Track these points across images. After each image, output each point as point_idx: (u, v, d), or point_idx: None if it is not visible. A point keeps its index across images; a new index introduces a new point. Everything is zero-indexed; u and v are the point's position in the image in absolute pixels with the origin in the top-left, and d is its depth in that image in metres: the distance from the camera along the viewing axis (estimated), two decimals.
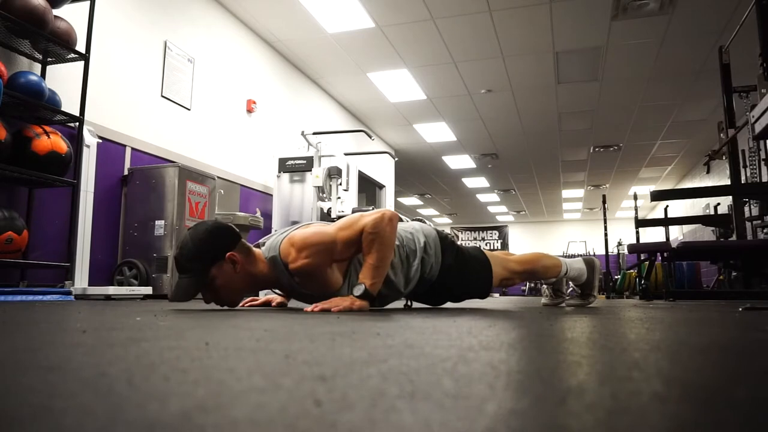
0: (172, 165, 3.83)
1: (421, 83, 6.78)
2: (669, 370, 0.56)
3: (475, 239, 17.85)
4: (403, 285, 2.07)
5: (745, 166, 5.24)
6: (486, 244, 17.74)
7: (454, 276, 2.18)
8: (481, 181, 12.03)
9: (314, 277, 1.86)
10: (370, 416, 0.33)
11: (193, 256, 1.77)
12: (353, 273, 1.95)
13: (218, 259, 1.80)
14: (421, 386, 0.43)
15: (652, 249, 4.66)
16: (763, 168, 4.99)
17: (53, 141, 2.92)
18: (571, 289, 2.76)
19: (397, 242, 2.03)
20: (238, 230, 1.90)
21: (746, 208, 4.99)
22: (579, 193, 13.22)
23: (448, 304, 2.81)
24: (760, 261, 4.12)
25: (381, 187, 8.86)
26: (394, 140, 9.08)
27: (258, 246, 1.99)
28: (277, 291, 2.16)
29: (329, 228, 1.88)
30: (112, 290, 3.19)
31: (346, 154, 5.97)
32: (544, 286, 2.73)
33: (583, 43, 5.69)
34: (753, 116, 2.48)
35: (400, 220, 2.10)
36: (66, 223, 3.23)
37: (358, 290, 1.77)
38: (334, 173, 5.46)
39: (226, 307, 1.91)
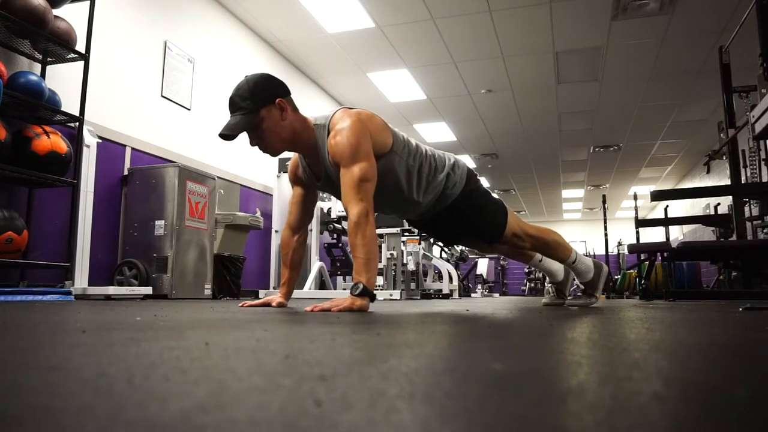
0: (172, 165, 3.83)
1: (421, 83, 6.78)
2: (669, 370, 0.56)
3: None
4: (422, 193, 2.09)
5: (745, 166, 5.24)
6: None
7: (472, 203, 2.20)
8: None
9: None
10: (370, 416, 0.33)
11: (247, 95, 1.89)
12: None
13: (269, 102, 1.92)
14: (421, 386, 0.43)
15: (652, 249, 4.66)
16: (763, 168, 4.99)
17: (53, 141, 2.92)
18: (573, 288, 2.76)
19: (429, 152, 2.13)
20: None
21: (746, 208, 4.99)
22: (579, 193, 13.22)
23: (449, 305, 2.81)
24: (760, 261, 4.12)
25: None
26: None
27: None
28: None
29: (358, 157, 1.87)
30: (112, 290, 3.19)
31: None
32: (548, 284, 2.73)
33: (583, 43, 5.69)
34: (753, 116, 2.48)
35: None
36: (66, 223, 3.23)
37: (357, 289, 1.77)
38: None
39: (221, 306, 1.91)
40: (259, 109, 1.90)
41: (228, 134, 1.88)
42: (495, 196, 2.36)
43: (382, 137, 1.98)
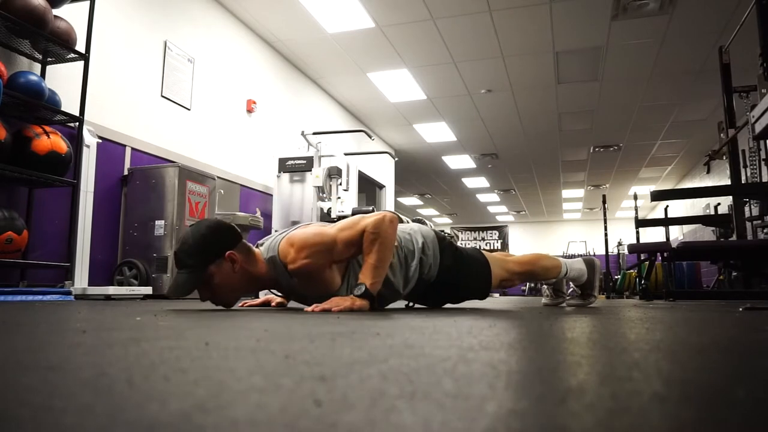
0: (172, 165, 3.83)
1: (421, 83, 6.78)
2: (669, 370, 0.56)
3: (475, 239, 17.85)
4: (402, 285, 2.07)
5: (745, 166, 5.24)
6: (486, 244, 17.74)
7: (453, 276, 2.18)
8: (481, 181, 12.03)
9: (313, 277, 1.87)
10: (370, 416, 0.33)
11: (193, 252, 1.78)
12: (352, 275, 1.95)
13: (218, 257, 1.81)
14: (421, 386, 0.43)
15: (652, 249, 4.66)
16: (763, 168, 4.98)
17: (53, 141, 2.92)
18: (571, 289, 2.76)
19: (395, 243, 2.04)
20: (239, 230, 1.90)
21: (746, 208, 4.99)
22: (579, 193, 13.22)
23: (448, 305, 2.81)
24: (760, 261, 4.12)
25: (381, 187, 8.86)
26: (394, 140, 9.08)
27: (257, 246, 1.99)
28: (275, 291, 2.16)
29: (329, 229, 1.88)
30: (112, 290, 3.19)
31: (346, 154, 5.97)
32: (545, 286, 2.73)
33: (583, 43, 5.69)
34: (753, 116, 2.48)
35: (400, 221, 2.10)
36: (66, 223, 3.23)
37: (359, 290, 1.77)
38: (334, 173, 5.46)
39: (221, 308, 1.91)
40: (207, 265, 1.79)
41: (175, 296, 1.79)
42: (469, 248, 2.33)
43: (344, 249, 1.89)
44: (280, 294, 2.16)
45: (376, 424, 0.31)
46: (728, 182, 4.73)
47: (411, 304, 2.36)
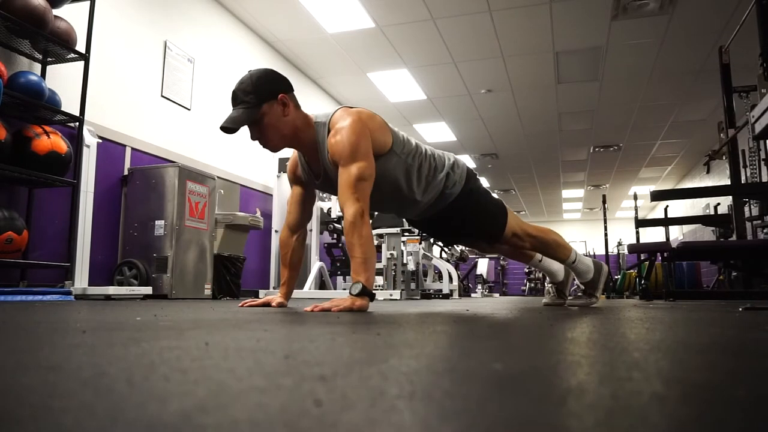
0: (172, 165, 3.83)
1: (421, 83, 6.78)
2: (669, 370, 0.56)
3: None
4: (421, 192, 2.09)
5: (745, 166, 5.24)
6: None
7: (471, 203, 2.19)
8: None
9: None
10: (370, 416, 0.33)
11: (250, 89, 1.89)
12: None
13: (271, 97, 1.92)
14: (421, 386, 0.43)
15: (652, 249, 4.66)
16: (763, 168, 4.98)
17: (53, 141, 2.92)
18: (574, 288, 2.76)
19: (429, 152, 2.12)
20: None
21: (746, 208, 4.99)
22: (579, 193, 13.22)
23: (448, 305, 2.81)
24: (760, 261, 4.12)
25: None
26: None
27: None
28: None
29: (357, 156, 1.87)
30: (112, 290, 3.19)
31: None
32: (548, 284, 2.73)
33: (583, 43, 5.69)
34: (753, 116, 2.48)
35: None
36: (66, 223, 3.23)
37: (356, 289, 1.77)
38: None
39: (221, 308, 1.91)
40: (261, 103, 1.90)
41: (229, 127, 1.88)
42: (495, 196, 2.36)
43: (382, 137, 1.98)
44: (278, 301, 2.15)
45: (376, 424, 0.31)
46: (728, 182, 4.73)
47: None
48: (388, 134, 2.01)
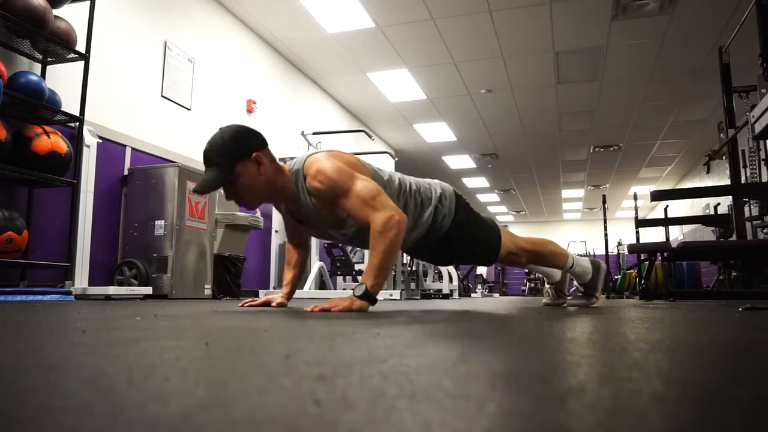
0: (172, 165, 3.83)
1: (421, 83, 6.78)
2: (669, 370, 0.56)
3: None
4: (410, 229, 2.06)
5: (745, 166, 5.24)
6: None
7: (464, 234, 2.18)
8: (481, 181, 12.03)
9: (328, 202, 1.90)
10: (370, 416, 0.33)
11: (222, 150, 1.85)
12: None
13: (245, 156, 1.86)
14: (421, 386, 0.43)
15: (652, 249, 4.66)
16: (763, 168, 4.98)
17: (53, 141, 2.92)
18: (573, 288, 2.76)
19: (414, 187, 2.09)
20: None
21: (746, 208, 4.99)
22: (579, 193, 13.22)
23: (449, 305, 2.81)
24: (760, 261, 4.12)
25: None
26: (394, 140, 9.08)
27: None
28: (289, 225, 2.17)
29: (351, 179, 1.85)
30: (112, 290, 3.19)
31: None
32: (547, 285, 2.73)
33: (583, 43, 5.69)
34: (753, 116, 2.48)
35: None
36: (66, 223, 3.23)
37: (359, 290, 1.77)
38: None
39: (221, 307, 1.91)
40: (234, 164, 1.84)
41: (201, 191, 1.84)
42: (485, 218, 2.31)
43: (359, 172, 1.92)
44: (278, 301, 2.15)
45: (376, 424, 0.31)
46: (728, 182, 4.73)
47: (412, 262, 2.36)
48: (366, 173, 1.95)
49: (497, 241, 2.24)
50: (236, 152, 1.85)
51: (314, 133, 5.73)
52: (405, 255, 5.73)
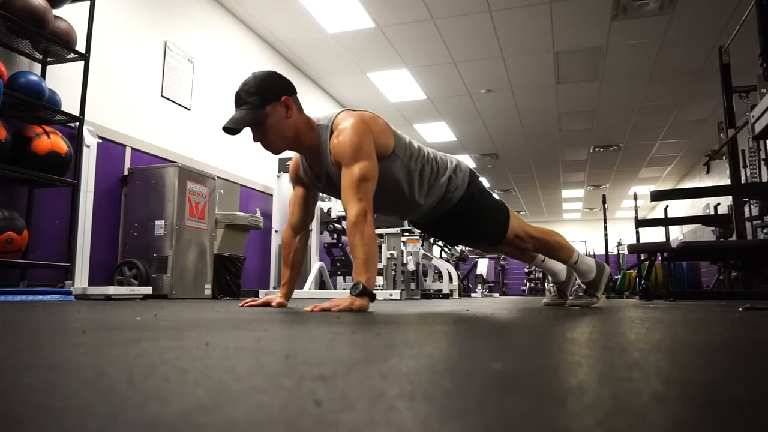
0: (172, 165, 3.83)
1: (421, 83, 6.78)
2: (669, 370, 0.56)
3: None
4: (423, 196, 2.09)
5: (745, 166, 5.24)
6: None
7: (474, 207, 2.20)
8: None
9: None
10: (370, 416, 0.33)
11: (253, 90, 1.89)
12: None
13: (275, 99, 1.91)
14: (421, 386, 0.43)
15: (652, 249, 4.66)
16: (763, 168, 4.98)
17: (53, 141, 2.92)
18: (575, 287, 2.76)
19: (431, 156, 2.12)
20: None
21: (746, 208, 4.99)
22: (579, 193, 13.22)
23: (448, 305, 2.81)
24: (760, 261, 4.12)
25: None
26: None
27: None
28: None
29: (359, 157, 1.86)
30: (112, 290, 3.19)
31: None
32: (550, 285, 2.73)
33: (583, 43, 5.69)
34: (753, 116, 2.48)
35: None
36: (66, 223, 3.23)
37: (356, 289, 1.77)
38: None
39: (221, 307, 1.91)
40: (264, 105, 1.90)
41: (232, 128, 1.88)
42: (497, 197, 2.35)
43: (385, 139, 1.98)
44: (278, 301, 2.15)
45: (376, 424, 0.31)
46: (728, 182, 4.73)
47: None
48: (391, 137, 2.01)
49: (506, 220, 2.27)
50: (267, 94, 1.90)
51: None
52: (406, 255, 5.74)
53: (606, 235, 8.33)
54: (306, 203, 2.22)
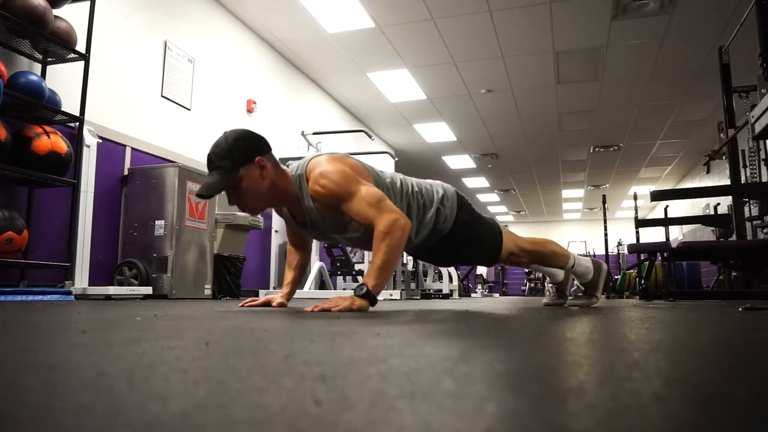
0: (172, 165, 3.83)
1: (421, 83, 6.78)
2: (669, 370, 0.56)
3: None
4: (414, 232, 2.07)
5: (745, 166, 5.24)
6: None
7: (465, 234, 2.19)
8: (481, 181, 12.03)
9: (329, 205, 1.90)
10: (370, 416, 0.33)
11: (225, 154, 1.83)
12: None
13: (248, 161, 1.86)
14: (421, 386, 0.43)
15: (652, 249, 4.66)
16: (763, 168, 4.98)
17: (53, 141, 2.92)
18: (574, 288, 2.76)
19: (416, 189, 2.09)
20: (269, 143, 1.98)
21: (746, 208, 4.99)
22: (579, 193, 13.22)
23: (448, 305, 2.81)
24: (760, 261, 4.12)
25: None
26: (394, 140, 9.08)
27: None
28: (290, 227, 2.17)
29: (356, 183, 1.85)
30: (112, 290, 3.19)
31: None
32: (549, 285, 2.73)
33: (583, 43, 5.69)
34: (753, 116, 2.48)
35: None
36: (66, 223, 3.23)
37: (360, 290, 1.77)
38: None
39: (221, 307, 1.91)
40: (237, 168, 1.84)
41: (204, 195, 1.84)
42: (487, 217, 2.31)
43: (362, 177, 1.92)
44: (278, 301, 2.15)
45: (376, 424, 0.31)
46: (728, 182, 4.73)
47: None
48: (368, 177, 1.95)
49: (499, 242, 2.25)
50: (239, 156, 1.84)
51: (314, 133, 5.73)
52: (406, 255, 5.74)
53: (606, 235, 8.33)
54: (299, 235, 2.22)
